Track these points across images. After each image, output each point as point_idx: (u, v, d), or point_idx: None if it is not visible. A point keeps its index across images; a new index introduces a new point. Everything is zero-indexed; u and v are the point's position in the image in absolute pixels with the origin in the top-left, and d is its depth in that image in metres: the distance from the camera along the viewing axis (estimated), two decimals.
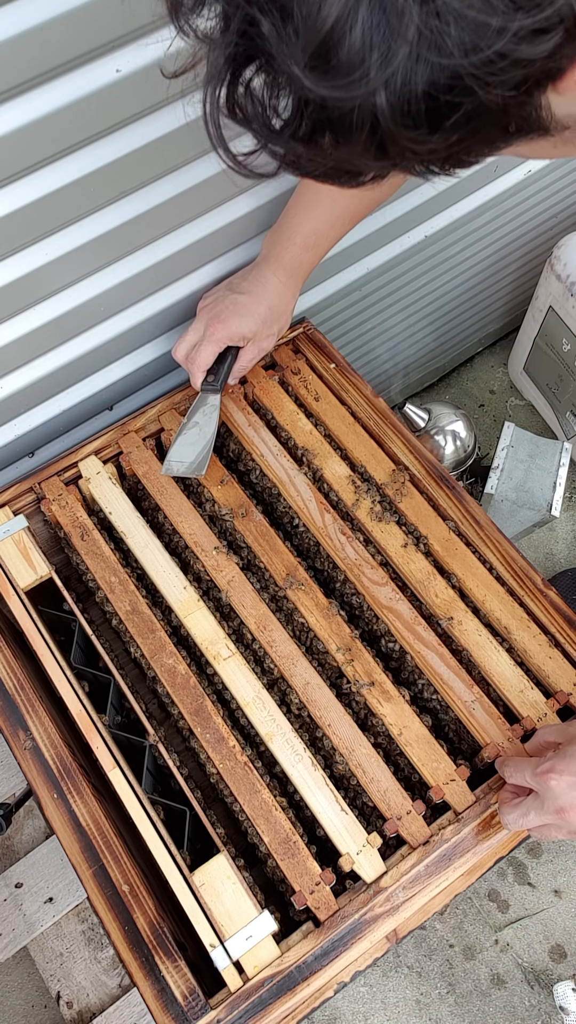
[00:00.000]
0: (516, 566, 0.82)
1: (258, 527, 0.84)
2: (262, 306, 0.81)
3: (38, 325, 0.77)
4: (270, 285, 0.81)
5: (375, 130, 0.29)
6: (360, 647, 0.78)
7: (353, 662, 0.77)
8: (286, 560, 0.82)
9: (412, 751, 0.74)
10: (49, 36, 0.56)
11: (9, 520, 0.83)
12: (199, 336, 0.81)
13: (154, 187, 0.74)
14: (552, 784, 0.61)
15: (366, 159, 0.31)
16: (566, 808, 0.60)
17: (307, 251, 0.81)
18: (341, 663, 0.77)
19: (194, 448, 0.84)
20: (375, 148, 0.31)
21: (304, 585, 0.81)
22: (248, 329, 0.81)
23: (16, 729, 0.75)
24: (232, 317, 0.80)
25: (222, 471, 0.87)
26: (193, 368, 0.82)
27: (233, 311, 0.80)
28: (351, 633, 0.79)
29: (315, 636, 0.79)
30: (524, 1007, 1.22)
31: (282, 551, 0.82)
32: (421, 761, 0.73)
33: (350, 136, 0.30)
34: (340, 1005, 1.22)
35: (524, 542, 1.53)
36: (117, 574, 0.81)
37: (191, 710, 0.74)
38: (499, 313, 1.58)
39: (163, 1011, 0.65)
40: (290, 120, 0.31)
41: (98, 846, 0.70)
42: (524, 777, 0.65)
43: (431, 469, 0.87)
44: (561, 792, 0.60)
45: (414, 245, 1.12)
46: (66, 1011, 0.89)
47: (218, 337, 0.80)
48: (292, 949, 0.66)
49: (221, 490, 0.86)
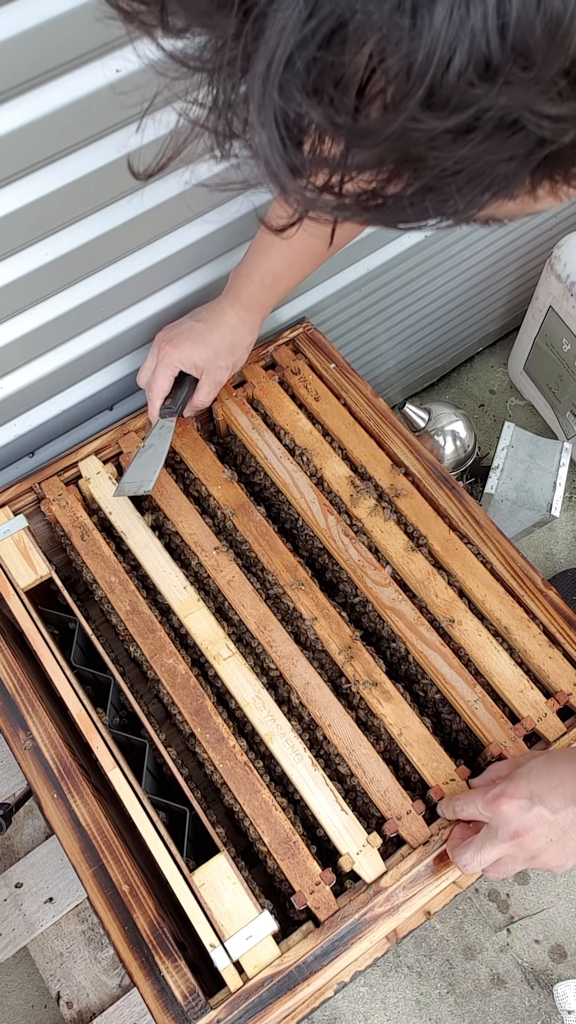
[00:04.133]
0: (516, 566, 0.82)
1: (258, 527, 0.84)
2: (215, 335, 0.81)
3: (38, 325, 0.77)
4: (226, 318, 0.81)
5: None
6: (360, 647, 0.78)
7: (353, 660, 0.77)
8: (286, 560, 0.82)
9: (412, 751, 0.74)
10: (49, 36, 0.56)
11: (9, 520, 0.83)
12: (154, 361, 0.82)
13: (154, 187, 0.74)
14: (504, 809, 0.60)
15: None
16: (520, 832, 0.59)
17: (264, 289, 0.81)
18: (341, 663, 0.77)
19: (146, 469, 0.84)
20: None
21: (304, 585, 0.81)
22: (199, 357, 0.81)
23: (16, 729, 0.75)
24: (184, 343, 0.80)
25: (222, 470, 0.87)
26: (151, 395, 0.83)
27: (186, 337, 0.80)
28: (351, 633, 0.79)
29: (315, 636, 0.79)
30: (524, 1007, 1.22)
31: (282, 551, 0.82)
32: (421, 761, 0.73)
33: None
34: (340, 1005, 1.22)
35: (524, 542, 1.53)
36: (117, 574, 0.81)
37: (191, 710, 0.74)
38: (499, 313, 1.58)
39: (163, 1011, 0.65)
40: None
41: (98, 846, 0.70)
42: (475, 808, 0.63)
43: (431, 469, 0.87)
44: (514, 816, 0.59)
45: (414, 245, 1.12)
46: (66, 1011, 0.89)
47: (169, 360, 0.80)
48: (292, 949, 0.66)
49: (221, 490, 0.86)
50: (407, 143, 0.24)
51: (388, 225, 0.29)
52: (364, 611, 0.84)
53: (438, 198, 0.26)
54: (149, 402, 0.84)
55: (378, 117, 0.23)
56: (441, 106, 0.22)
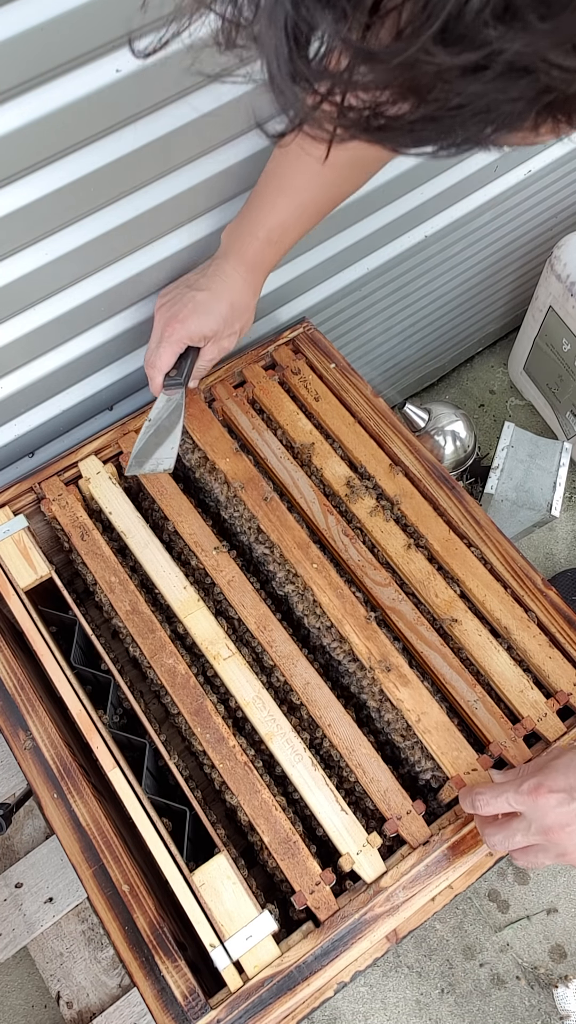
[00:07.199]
0: (516, 566, 0.82)
1: (268, 504, 0.82)
2: (223, 303, 0.77)
3: (38, 325, 0.77)
4: (231, 281, 0.77)
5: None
6: (375, 628, 0.77)
7: (368, 642, 0.75)
8: (297, 536, 0.81)
9: (431, 739, 0.71)
10: (49, 36, 0.56)
11: (9, 520, 0.83)
12: (158, 338, 0.78)
13: (155, 187, 0.74)
14: (541, 802, 0.57)
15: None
16: (554, 828, 0.57)
17: (270, 246, 0.77)
18: (355, 645, 0.75)
19: (164, 446, 0.81)
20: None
21: (317, 564, 0.79)
22: (209, 328, 0.77)
23: (16, 729, 0.75)
24: (191, 316, 0.76)
25: (230, 443, 0.85)
26: (153, 372, 0.79)
27: (192, 310, 0.76)
28: (366, 614, 0.77)
29: (325, 616, 0.77)
30: (524, 1007, 1.22)
31: (293, 527, 0.81)
32: (441, 750, 0.71)
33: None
34: (340, 1005, 1.22)
35: (524, 542, 1.53)
36: (117, 574, 0.81)
37: (191, 710, 0.74)
38: (499, 313, 1.58)
39: (163, 1011, 0.65)
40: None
41: (98, 846, 0.70)
42: (506, 802, 0.60)
43: (431, 469, 0.87)
44: (550, 809, 0.57)
45: (414, 245, 1.12)
46: (66, 1011, 0.89)
47: (177, 338, 0.77)
48: (292, 949, 0.66)
49: (230, 463, 0.84)
50: (415, 73, 0.23)
51: (386, 146, 0.28)
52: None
53: (440, 128, 0.26)
54: (151, 379, 0.80)
55: (388, 41, 0.23)
56: (454, 42, 0.22)
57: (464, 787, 0.68)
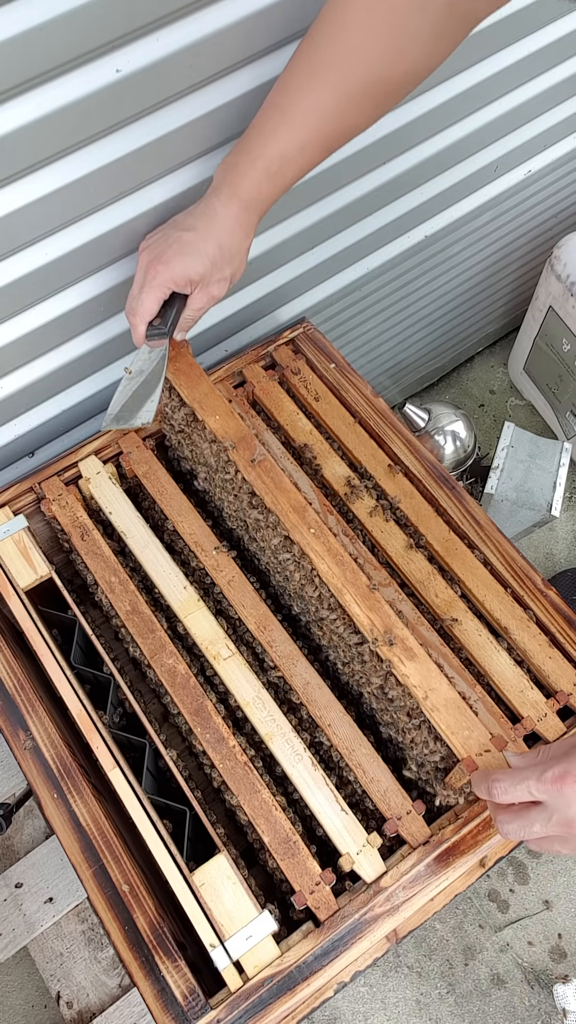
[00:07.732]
0: (516, 566, 0.82)
1: (262, 464, 0.76)
2: (210, 244, 0.69)
3: (38, 325, 0.77)
4: (219, 219, 0.70)
5: None
6: (378, 599, 0.71)
7: (371, 613, 0.70)
8: (294, 500, 0.75)
9: (440, 717, 0.66)
10: (49, 36, 0.56)
11: (9, 520, 0.83)
12: (140, 282, 0.71)
13: (155, 187, 0.74)
14: (568, 791, 0.53)
15: None
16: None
17: (269, 179, 0.69)
18: (356, 615, 0.71)
19: (142, 398, 0.76)
20: None
21: (315, 528, 0.74)
22: (194, 271, 0.69)
23: (16, 729, 0.75)
24: (176, 258, 0.69)
25: (220, 401, 0.79)
26: (135, 319, 0.72)
27: (177, 251, 0.69)
28: (367, 583, 0.72)
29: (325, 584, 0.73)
30: (524, 1007, 1.22)
31: (289, 489, 0.76)
32: (451, 729, 0.66)
33: None
34: (340, 1005, 1.22)
35: (524, 542, 1.53)
36: (117, 574, 0.81)
37: (191, 710, 0.74)
38: (499, 313, 1.58)
39: (163, 1011, 0.65)
40: None
41: (98, 846, 0.70)
42: (526, 790, 0.55)
43: (431, 469, 0.87)
44: (574, 800, 0.53)
45: (414, 245, 1.12)
46: (66, 1011, 0.89)
47: (160, 281, 0.69)
48: (292, 949, 0.66)
49: (220, 421, 0.78)
50: None
51: None
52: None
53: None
54: (133, 327, 0.73)
55: None
56: None
57: (477, 771, 0.62)
